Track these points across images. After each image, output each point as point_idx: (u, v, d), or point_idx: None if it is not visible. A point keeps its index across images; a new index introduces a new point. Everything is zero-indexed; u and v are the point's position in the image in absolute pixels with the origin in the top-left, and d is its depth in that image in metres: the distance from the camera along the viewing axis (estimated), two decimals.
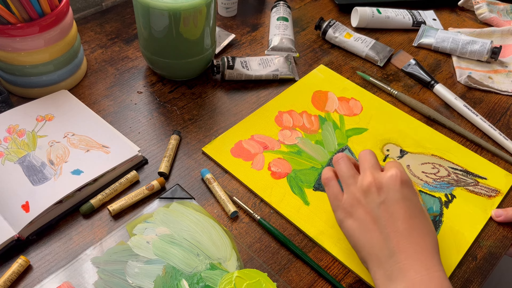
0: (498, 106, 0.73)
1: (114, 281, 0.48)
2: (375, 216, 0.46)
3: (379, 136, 0.66)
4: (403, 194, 0.46)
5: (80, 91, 0.69)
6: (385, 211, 0.46)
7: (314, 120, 0.67)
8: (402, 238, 0.45)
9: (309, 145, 0.64)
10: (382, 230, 0.46)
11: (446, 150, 0.65)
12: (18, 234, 0.50)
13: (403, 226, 0.45)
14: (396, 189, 0.46)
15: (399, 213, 0.45)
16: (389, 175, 0.47)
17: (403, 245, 0.44)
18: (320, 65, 0.77)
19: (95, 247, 0.51)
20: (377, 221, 0.46)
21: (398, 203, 0.46)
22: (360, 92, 0.72)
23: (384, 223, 0.46)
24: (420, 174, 0.62)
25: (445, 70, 0.79)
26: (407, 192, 0.47)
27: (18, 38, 0.59)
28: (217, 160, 0.61)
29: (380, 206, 0.46)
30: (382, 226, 0.46)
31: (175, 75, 0.71)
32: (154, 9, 0.61)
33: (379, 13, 0.85)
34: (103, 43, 0.77)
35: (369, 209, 0.47)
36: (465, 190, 0.60)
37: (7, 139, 0.59)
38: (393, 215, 0.46)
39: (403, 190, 0.47)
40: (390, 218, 0.46)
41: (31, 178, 0.54)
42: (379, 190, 0.47)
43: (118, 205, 0.54)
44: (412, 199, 0.47)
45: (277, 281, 0.50)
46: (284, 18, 0.82)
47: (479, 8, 0.90)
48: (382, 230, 0.46)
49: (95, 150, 0.58)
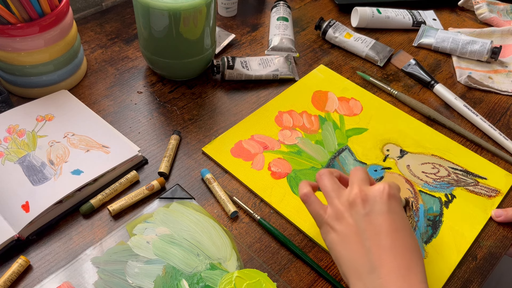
0: (498, 106, 0.73)
1: (114, 281, 0.48)
2: (359, 228, 0.44)
3: (379, 136, 0.66)
4: (390, 207, 0.44)
5: (80, 91, 0.69)
6: (369, 223, 0.44)
7: (314, 120, 0.67)
8: (384, 252, 0.42)
9: (309, 145, 0.64)
10: (364, 243, 0.44)
11: (446, 150, 0.65)
12: (18, 234, 0.50)
13: (387, 240, 0.43)
14: (383, 201, 0.45)
15: (383, 226, 0.44)
16: (376, 188, 0.46)
17: (386, 260, 0.42)
18: (320, 65, 0.77)
19: (95, 247, 0.51)
20: (360, 233, 0.44)
21: (382, 216, 0.44)
22: (360, 92, 0.72)
23: (367, 236, 0.44)
24: (420, 174, 0.62)
25: (445, 70, 0.79)
26: (394, 205, 0.45)
27: (18, 38, 0.59)
28: (217, 160, 0.61)
29: (364, 218, 0.44)
30: (365, 239, 0.44)
31: (175, 75, 0.71)
32: (154, 9, 0.61)
33: (379, 13, 0.85)
34: (103, 43, 0.77)
35: (353, 221, 0.45)
36: (465, 190, 0.60)
37: (7, 139, 0.59)
38: (377, 227, 0.44)
39: (390, 203, 0.45)
40: (374, 231, 0.44)
41: (31, 178, 0.54)
42: (364, 202, 0.45)
43: (118, 205, 0.54)
44: (398, 213, 0.45)
45: (277, 281, 0.50)
46: (284, 18, 0.82)
47: (479, 8, 0.90)
48: (364, 243, 0.44)
49: (95, 150, 0.58)
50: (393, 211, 0.45)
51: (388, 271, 0.42)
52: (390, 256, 0.42)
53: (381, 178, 0.61)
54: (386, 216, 0.44)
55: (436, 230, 0.56)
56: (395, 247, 0.43)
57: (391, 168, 0.62)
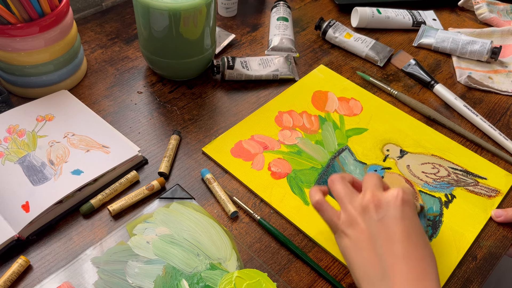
0: (498, 106, 0.73)
1: (114, 281, 0.48)
2: (371, 234, 0.44)
3: (379, 136, 0.66)
4: (403, 212, 0.44)
5: (80, 91, 0.69)
6: (382, 229, 0.44)
7: (314, 120, 0.67)
8: (397, 260, 0.42)
9: (309, 145, 0.64)
10: (377, 250, 0.43)
11: (446, 150, 0.65)
12: (18, 234, 0.50)
13: (400, 246, 0.42)
14: (396, 207, 0.44)
15: (396, 232, 0.43)
16: (390, 193, 0.45)
17: (398, 267, 0.42)
18: (320, 65, 0.77)
19: (95, 247, 0.51)
20: (373, 240, 0.44)
21: (396, 221, 0.43)
22: (360, 92, 0.72)
23: (380, 243, 0.43)
24: (420, 174, 0.62)
25: (445, 70, 0.79)
26: (408, 211, 0.44)
27: (18, 38, 0.59)
28: (217, 160, 0.61)
29: (377, 224, 0.44)
30: (378, 246, 0.43)
31: (175, 75, 0.71)
32: (154, 9, 0.61)
33: (379, 13, 0.85)
34: (103, 43, 0.77)
35: (366, 226, 0.45)
36: (465, 190, 0.60)
37: (7, 139, 0.59)
38: (390, 234, 0.43)
39: (404, 209, 0.44)
40: (387, 237, 0.43)
41: (31, 178, 0.54)
42: (378, 208, 0.45)
43: (118, 205, 0.54)
44: (412, 219, 0.44)
45: (277, 281, 0.50)
46: (284, 18, 0.82)
47: (479, 8, 0.90)
48: (377, 250, 0.43)
49: (95, 150, 0.58)
50: (407, 217, 0.44)
51: (400, 278, 0.41)
52: (402, 264, 0.42)
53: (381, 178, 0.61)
54: (400, 222, 0.43)
55: (436, 230, 0.56)
56: (408, 254, 0.42)
57: (391, 168, 0.62)
